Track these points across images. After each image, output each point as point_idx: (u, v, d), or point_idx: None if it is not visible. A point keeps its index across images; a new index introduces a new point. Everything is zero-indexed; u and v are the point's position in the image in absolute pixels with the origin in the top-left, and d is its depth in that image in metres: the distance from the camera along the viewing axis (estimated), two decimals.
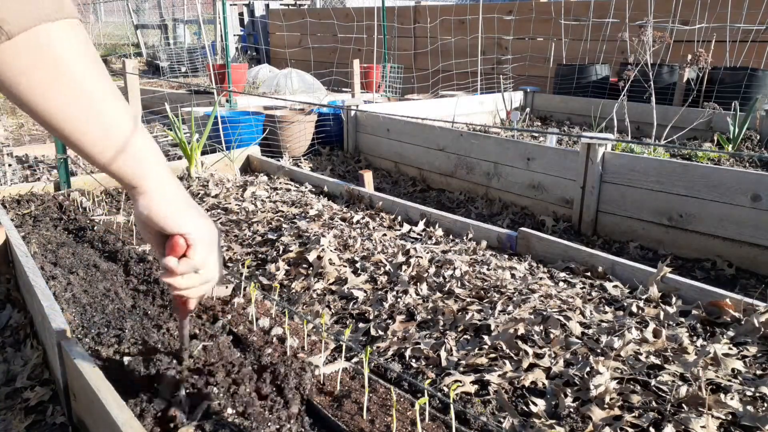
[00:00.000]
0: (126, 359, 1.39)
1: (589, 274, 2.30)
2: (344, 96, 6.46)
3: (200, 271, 0.92)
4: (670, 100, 5.81)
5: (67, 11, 0.70)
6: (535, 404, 1.49)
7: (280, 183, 3.66)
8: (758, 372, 1.61)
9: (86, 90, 0.73)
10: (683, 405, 1.46)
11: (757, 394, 1.50)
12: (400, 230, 2.82)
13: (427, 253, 2.41)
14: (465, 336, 1.81)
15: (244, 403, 1.34)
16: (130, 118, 0.80)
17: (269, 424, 1.32)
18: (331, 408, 1.45)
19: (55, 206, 3.06)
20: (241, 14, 13.54)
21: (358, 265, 2.34)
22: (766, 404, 1.46)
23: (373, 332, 1.89)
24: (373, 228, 2.80)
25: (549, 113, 6.32)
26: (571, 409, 1.47)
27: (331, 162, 4.79)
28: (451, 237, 2.73)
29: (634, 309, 1.96)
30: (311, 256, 2.36)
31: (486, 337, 1.76)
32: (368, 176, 3.73)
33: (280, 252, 2.48)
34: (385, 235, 2.69)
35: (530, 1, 8.02)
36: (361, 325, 1.95)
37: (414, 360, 1.72)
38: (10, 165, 4.00)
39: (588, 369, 1.59)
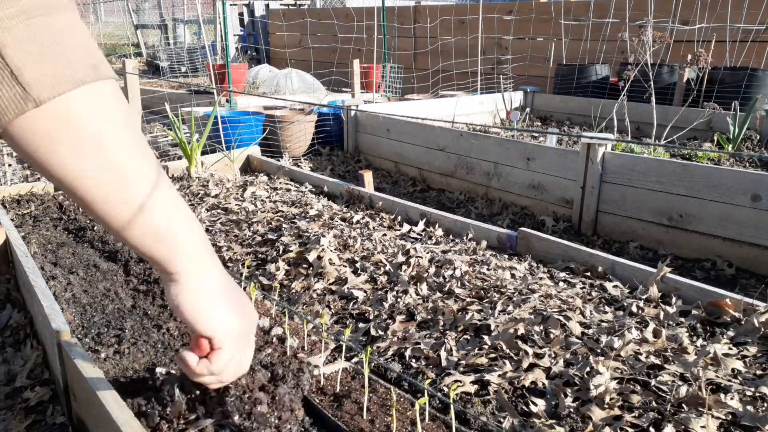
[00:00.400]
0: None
1: (589, 274, 2.30)
2: (344, 96, 6.46)
3: (218, 376, 0.87)
4: (670, 100, 5.81)
5: (102, 72, 0.65)
6: (535, 404, 1.49)
7: (280, 183, 3.66)
8: (758, 372, 1.61)
9: (116, 165, 0.66)
10: (683, 405, 1.46)
11: (757, 394, 1.50)
12: (400, 230, 2.82)
13: (427, 253, 2.41)
14: (465, 336, 1.81)
15: (246, 403, 1.34)
16: (167, 194, 0.73)
17: (269, 424, 1.32)
18: (331, 408, 1.45)
19: (55, 206, 3.06)
20: (241, 14, 13.55)
21: (358, 265, 2.34)
22: (766, 404, 1.46)
23: (373, 332, 1.89)
24: (373, 228, 2.80)
25: (549, 113, 6.32)
26: (571, 409, 1.47)
27: (331, 162, 4.79)
28: (451, 237, 2.73)
29: (634, 309, 1.96)
30: (311, 256, 2.36)
31: (486, 337, 1.76)
32: (368, 176, 3.73)
33: (280, 252, 2.48)
34: (385, 235, 2.69)
35: (530, 1, 8.02)
36: (361, 325, 1.95)
37: (414, 360, 1.72)
38: (10, 165, 4.00)
39: (588, 369, 1.59)
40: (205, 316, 0.78)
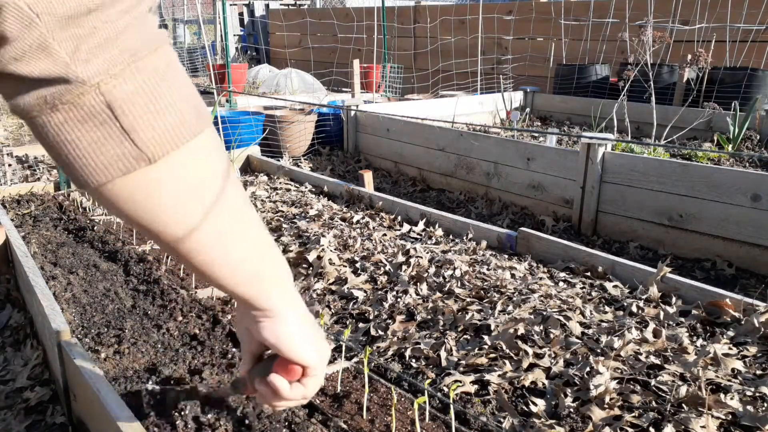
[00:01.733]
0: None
1: (589, 274, 2.30)
2: (344, 96, 6.46)
3: (306, 397, 0.87)
4: (670, 100, 5.81)
5: (204, 116, 0.59)
6: (535, 404, 1.49)
7: (280, 183, 3.66)
8: (758, 372, 1.61)
9: (215, 218, 0.63)
10: (683, 405, 1.46)
11: (757, 394, 1.50)
12: (400, 230, 2.82)
13: (427, 253, 2.41)
14: (465, 336, 1.81)
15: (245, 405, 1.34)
16: (263, 240, 0.72)
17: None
18: (332, 408, 1.45)
19: (55, 206, 3.06)
20: (241, 14, 13.55)
21: (358, 265, 2.34)
22: (766, 404, 1.46)
23: (373, 332, 1.89)
24: (373, 228, 2.80)
25: (549, 113, 6.31)
26: (571, 409, 1.47)
27: (331, 162, 4.79)
28: (451, 237, 2.73)
29: (634, 309, 1.96)
30: (311, 256, 2.36)
31: (486, 337, 1.76)
32: (368, 176, 3.73)
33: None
34: (385, 235, 2.69)
35: (530, 1, 8.02)
36: (361, 325, 1.95)
37: (414, 360, 1.72)
38: (10, 165, 4.00)
39: (588, 369, 1.59)
40: (304, 347, 0.79)
